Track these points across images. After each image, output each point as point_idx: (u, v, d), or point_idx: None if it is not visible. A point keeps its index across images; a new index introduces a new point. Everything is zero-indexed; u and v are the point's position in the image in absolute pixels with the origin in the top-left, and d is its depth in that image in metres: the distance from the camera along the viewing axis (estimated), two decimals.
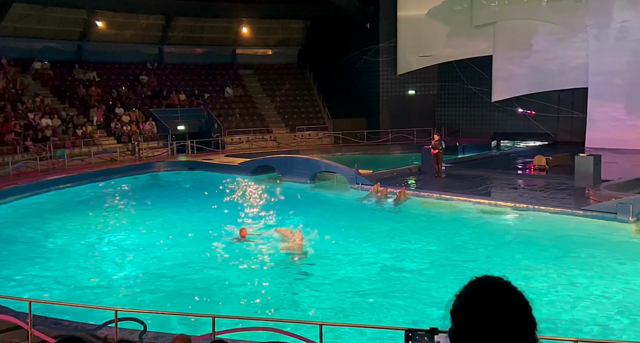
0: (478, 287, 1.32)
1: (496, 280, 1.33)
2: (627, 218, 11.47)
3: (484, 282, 1.33)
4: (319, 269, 9.55)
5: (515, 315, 1.26)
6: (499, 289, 1.31)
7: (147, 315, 6.52)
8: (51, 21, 25.64)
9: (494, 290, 1.31)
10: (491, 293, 1.29)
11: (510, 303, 1.28)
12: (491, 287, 1.32)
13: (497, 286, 1.32)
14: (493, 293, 1.29)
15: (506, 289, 1.31)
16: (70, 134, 22.16)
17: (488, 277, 1.34)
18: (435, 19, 26.30)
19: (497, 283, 1.32)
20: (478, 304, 1.28)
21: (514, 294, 1.30)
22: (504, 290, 1.31)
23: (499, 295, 1.29)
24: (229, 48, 30.95)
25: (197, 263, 10.01)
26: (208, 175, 20.13)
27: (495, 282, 1.33)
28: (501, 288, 1.31)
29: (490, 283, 1.32)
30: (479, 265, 9.30)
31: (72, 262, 10.24)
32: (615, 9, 21.53)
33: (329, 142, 27.36)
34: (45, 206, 15.42)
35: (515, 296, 1.30)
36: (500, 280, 1.33)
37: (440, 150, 16.89)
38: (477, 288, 1.32)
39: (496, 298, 1.28)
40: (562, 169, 17.25)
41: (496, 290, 1.30)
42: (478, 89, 26.35)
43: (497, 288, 1.31)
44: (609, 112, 21.91)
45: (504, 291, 1.30)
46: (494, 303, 1.27)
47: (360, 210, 14.39)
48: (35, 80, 24.59)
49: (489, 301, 1.28)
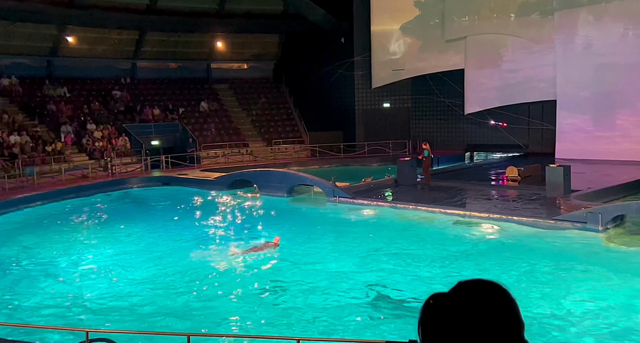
0: (460, 286, 1.17)
1: (479, 279, 1.18)
2: (596, 227, 11.74)
3: (466, 281, 1.18)
4: (295, 283, 9.47)
5: (499, 307, 1.12)
6: (483, 285, 1.15)
7: (120, 335, 6.35)
8: (20, 37, 25.20)
9: (478, 286, 1.15)
10: (475, 289, 1.14)
11: (494, 295, 1.13)
12: (475, 284, 1.16)
13: (481, 283, 1.16)
14: (477, 289, 1.14)
15: (490, 285, 1.15)
16: (40, 150, 21.67)
17: (466, 280, 1.19)
18: (407, 33, 26.79)
19: (480, 281, 1.17)
20: (461, 297, 1.13)
21: (498, 289, 1.15)
22: (488, 285, 1.15)
23: (483, 289, 1.14)
24: (203, 62, 30.88)
25: (171, 280, 9.82)
26: (183, 191, 19.88)
27: (478, 280, 1.17)
28: (486, 285, 1.15)
29: (473, 282, 1.17)
30: (454, 274, 9.37)
31: (41, 282, 9.92)
32: (580, 24, 22.29)
33: (305, 155, 27.39)
34: (13, 225, 14.97)
35: (499, 290, 1.14)
36: (482, 280, 1.18)
37: (423, 158, 18.02)
38: (460, 287, 1.17)
39: (480, 292, 1.14)
40: (534, 179, 17.61)
41: (481, 286, 1.15)
42: (451, 102, 26.82)
43: (481, 285, 1.16)
44: (577, 123, 22.54)
45: (489, 286, 1.15)
46: (477, 297, 1.12)
47: (336, 222, 14.38)
48: (3, 97, 24.05)
49: (472, 294, 1.13)
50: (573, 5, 22.20)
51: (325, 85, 29.25)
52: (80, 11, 24.50)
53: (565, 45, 22.61)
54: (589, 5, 21.87)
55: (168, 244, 12.33)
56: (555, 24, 22.76)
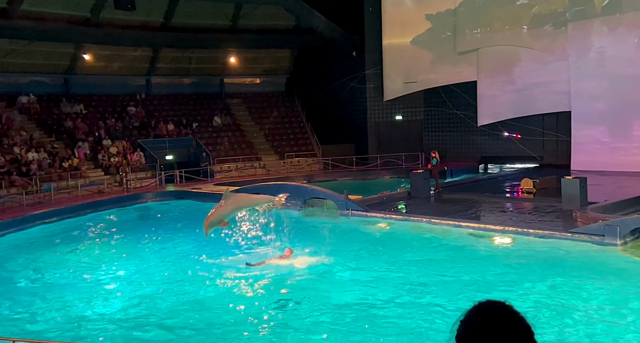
0: (482, 312, 1.36)
1: (500, 305, 1.38)
2: (614, 240, 11.54)
3: (488, 307, 1.37)
4: (308, 297, 9.43)
5: (520, 340, 1.30)
6: (504, 314, 1.35)
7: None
8: (38, 55, 25.76)
9: (498, 315, 1.35)
10: (496, 319, 1.33)
11: (514, 328, 1.32)
12: (496, 311, 1.36)
13: (502, 311, 1.36)
14: (498, 319, 1.33)
15: (510, 314, 1.35)
16: (57, 167, 22.01)
17: (492, 302, 1.38)
18: (419, 46, 26.86)
19: (501, 308, 1.37)
20: (484, 330, 1.31)
21: (517, 319, 1.34)
22: (508, 315, 1.35)
23: (503, 320, 1.33)
24: (216, 78, 31.24)
25: (186, 294, 9.84)
26: (197, 205, 19.98)
27: (499, 306, 1.37)
28: (505, 314, 1.35)
29: (494, 308, 1.37)
30: (471, 289, 9.25)
31: (59, 298, 10.00)
32: (594, 35, 22.16)
33: (318, 168, 27.43)
34: (31, 241, 15.16)
35: (519, 321, 1.34)
36: (503, 305, 1.38)
37: (432, 166, 18.51)
38: (482, 313, 1.36)
39: (501, 323, 1.33)
40: (549, 191, 17.41)
41: (501, 316, 1.34)
42: (464, 114, 26.74)
43: (501, 313, 1.35)
44: (593, 134, 22.28)
45: (508, 316, 1.35)
46: (499, 329, 1.31)
47: (349, 235, 14.33)
48: (21, 114, 24.54)
49: (494, 327, 1.31)
50: (586, 16, 22.09)
51: (337, 99, 29.37)
52: (96, 29, 25.02)
53: (578, 57, 22.47)
54: (603, 16, 21.75)
55: (182, 258, 12.38)
56: (568, 35, 22.65)
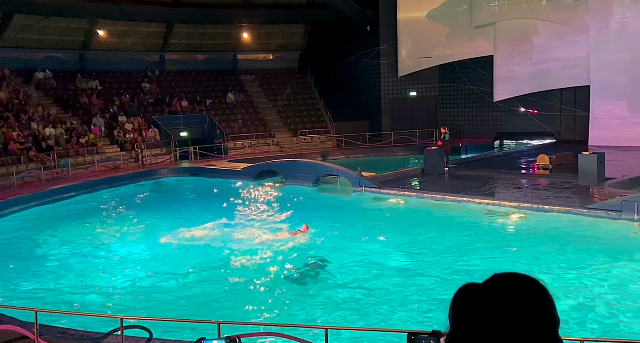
0: (489, 281, 1.13)
1: (514, 273, 1.13)
2: (632, 216, 11.41)
3: (497, 275, 1.13)
4: (324, 271, 9.55)
5: (535, 308, 1.07)
6: (517, 280, 1.11)
7: (153, 323, 6.53)
8: (53, 31, 25.82)
9: (509, 280, 1.11)
10: (505, 284, 1.10)
11: (529, 294, 1.09)
12: (506, 278, 1.12)
13: (515, 277, 1.12)
14: (508, 284, 1.10)
15: (526, 280, 1.11)
16: (74, 142, 22.27)
17: (503, 273, 1.14)
18: (434, 20, 26.33)
19: (514, 274, 1.12)
20: (489, 295, 1.08)
21: (534, 285, 1.10)
22: (522, 280, 1.11)
23: (516, 285, 1.10)
24: (229, 54, 31.07)
25: (201, 269, 10.02)
26: (211, 181, 20.16)
27: (511, 273, 1.13)
28: (520, 279, 1.11)
29: (503, 275, 1.13)
30: (485, 265, 9.27)
31: (77, 272, 10.26)
32: (615, 6, 21.50)
33: (331, 145, 27.37)
34: (50, 216, 15.47)
35: (536, 288, 1.10)
36: (518, 273, 1.13)
37: (446, 142, 18.52)
38: (489, 282, 1.12)
39: (513, 288, 1.09)
40: (566, 167, 17.19)
41: (512, 280, 1.11)
42: (479, 89, 26.33)
43: (514, 278, 1.11)
44: (612, 109, 21.84)
45: (523, 281, 1.11)
46: (509, 294, 1.08)
47: (364, 212, 14.38)
48: (38, 90, 24.75)
49: (503, 292, 1.08)
50: None
51: (351, 75, 29.07)
52: (111, 4, 24.93)
53: (599, 29, 21.86)
54: None
55: (197, 233, 12.55)
56: (588, 7, 22.01)
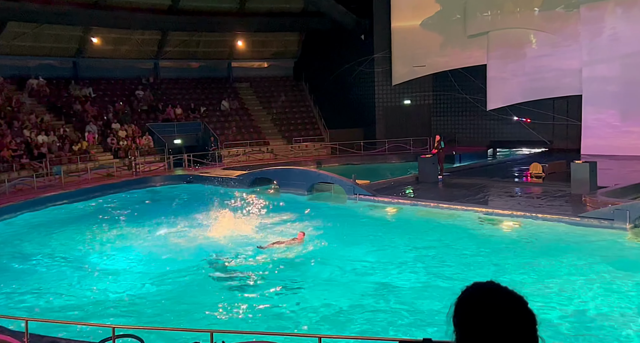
0: (478, 294, 1.35)
1: (493, 285, 1.37)
2: (624, 225, 11.47)
3: (481, 288, 1.37)
4: (318, 280, 9.51)
5: (520, 319, 1.30)
6: (499, 294, 1.34)
7: (145, 332, 6.47)
8: (47, 38, 25.78)
9: (494, 295, 1.34)
10: (493, 299, 1.33)
11: (513, 307, 1.31)
12: (491, 292, 1.35)
13: (497, 291, 1.35)
14: (496, 298, 1.33)
15: (505, 293, 1.34)
16: (67, 150, 22.16)
17: (483, 283, 1.38)
18: (428, 29, 26.53)
19: (496, 289, 1.36)
20: (483, 310, 1.31)
21: (513, 297, 1.34)
22: (503, 294, 1.34)
23: (501, 299, 1.33)
24: (224, 61, 31.13)
25: (194, 277, 9.95)
26: (205, 189, 20.08)
27: (492, 287, 1.36)
28: (500, 293, 1.35)
29: (488, 289, 1.36)
30: (477, 274, 9.26)
31: (68, 280, 10.16)
32: (606, 16, 21.76)
33: (325, 152, 27.40)
34: (41, 223, 15.35)
35: (515, 299, 1.33)
36: (496, 285, 1.37)
37: (440, 149, 18.46)
38: (478, 294, 1.35)
39: (499, 303, 1.32)
40: (559, 176, 17.29)
41: (497, 295, 1.34)
42: (473, 98, 26.49)
43: (497, 293, 1.35)
44: (604, 118, 22.03)
45: (505, 295, 1.34)
46: (499, 308, 1.30)
47: (357, 220, 14.36)
48: (31, 97, 24.66)
49: (493, 306, 1.31)
50: None
51: (346, 83, 29.19)
52: (105, 12, 24.95)
53: (591, 39, 22.10)
54: None
55: (191, 241, 12.48)
56: (580, 17, 22.26)
